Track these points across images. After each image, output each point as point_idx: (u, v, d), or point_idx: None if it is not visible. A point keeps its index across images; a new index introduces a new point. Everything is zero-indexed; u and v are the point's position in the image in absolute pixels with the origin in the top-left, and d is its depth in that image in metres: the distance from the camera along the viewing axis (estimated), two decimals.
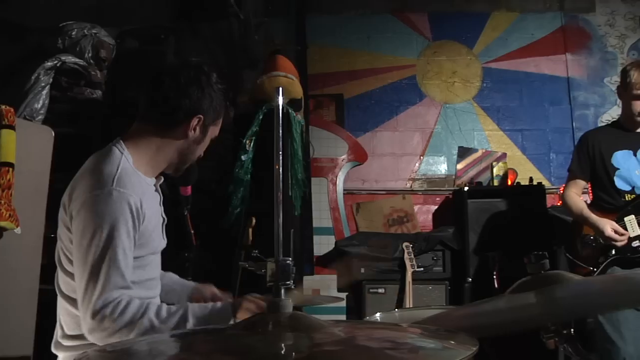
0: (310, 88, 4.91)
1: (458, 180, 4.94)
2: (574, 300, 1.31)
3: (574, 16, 5.30)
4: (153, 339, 1.24)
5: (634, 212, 2.91)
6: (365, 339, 0.76)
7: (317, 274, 4.73)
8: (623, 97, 3.03)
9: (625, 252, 2.92)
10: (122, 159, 1.68)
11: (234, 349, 0.83)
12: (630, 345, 2.82)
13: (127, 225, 1.59)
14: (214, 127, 1.85)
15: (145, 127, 1.79)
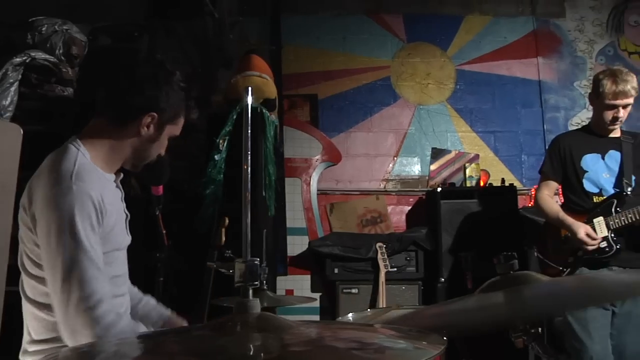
0: (285, 88, 4.90)
1: (431, 181, 4.97)
2: (541, 299, 1.32)
3: (546, 21, 5.38)
4: (121, 340, 1.22)
5: (602, 214, 2.97)
6: (332, 340, 0.76)
7: (290, 275, 4.73)
8: (595, 104, 3.08)
9: (594, 252, 2.97)
10: (78, 155, 1.65)
11: (201, 350, 0.83)
12: (597, 344, 2.87)
13: (90, 219, 1.57)
14: (172, 126, 1.81)
15: (100, 124, 1.77)
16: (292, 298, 4.03)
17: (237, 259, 0.85)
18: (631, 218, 2.89)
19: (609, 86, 2.92)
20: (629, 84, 2.91)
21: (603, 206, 2.98)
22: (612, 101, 2.93)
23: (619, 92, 2.91)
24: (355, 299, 4.30)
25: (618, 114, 2.96)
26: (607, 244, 2.95)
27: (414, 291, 4.33)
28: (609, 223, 2.94)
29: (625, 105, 2.95)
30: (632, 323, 2.91)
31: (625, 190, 2.96)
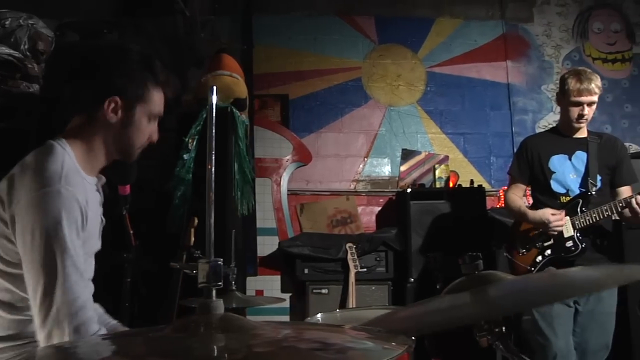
0: (256, 88, 4.88)
1: (401, 182, 5.01)
2: (509, 297, 1.33)
3: (515, 25, 5.47)
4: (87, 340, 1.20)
5: (568, 214, 3.02)
6: (295, 340, 0.75)
7: (260, 275, 4.71)
8: (561, 103, 3.13)
9: (560, 252, 3.03)
10: (65, 156, 1.62)
11: (166, 351, 0.81)
12: (561, 340, 2.94)
13: (77, 224, 1.54)
14: (144, 105, 1.73)
15: (77, 123, 1.73)
16: (261, 299, 4.02)
17: (200, 260, 0.84)
18: (595, 217, 2.94)
19: (574, 84, 2.98)
20: (592, 82, 2.98)
21: (569, 206, 3.04)
22: (577, 98, 2.99)
23: (583, 90, 2.97)
24: (325, 300, 4.31)
25: (583, 112, 3.01)
26: (573, 243, 3.00)
27: (383, 291, 4.35)
28: (574, 223, 2.99)
29: (589, 102, 3.00)
30: (594, 320, 2.99)
31: (590, 190, 3.01)
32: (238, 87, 3.92)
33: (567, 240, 3.01)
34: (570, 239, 3.00)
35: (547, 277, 1.51)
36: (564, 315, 2.98)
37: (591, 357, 2.99)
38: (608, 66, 5.54)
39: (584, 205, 3.00)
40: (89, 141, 1.71)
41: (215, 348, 0.78)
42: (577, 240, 3.00)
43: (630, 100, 5.50)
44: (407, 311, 1.51)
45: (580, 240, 2.99)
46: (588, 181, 3.03)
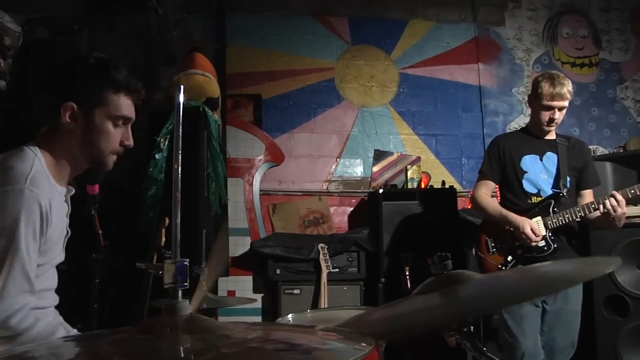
0: (229, 87, 4.85)
1: (373, 182, 5.03)
2: (477, 298, 1.34)
3: (486, 28, 5.54)
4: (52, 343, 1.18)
5: (541, 214, 3.05)
6: (261, 341, 0.75)
7: (232, 275, 4.68)
8: (533, 106, 3.16)
9: (532, 251, 3.05)
10: (35, 160, 1.61)
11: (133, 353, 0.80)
12: (529, 339, 2.98)
13: (34, 227, 1.52)
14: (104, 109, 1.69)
15: (44, 131, 1.71)
16: (233, 299, 4.00)
17: (166, 260, 0.83)
18: (568, 218, 2.99)
19: (547, 88, 3.02)
20: (565, 87, 3.02)
21: (541, 206, 3.06)
22: (549, 102, 3.03)
23: (555, 94, 3.01)
24: (297, 300, 4.30)
25: (554, 116, 3.05)
26: (545, 243, 3.03)
27: (355, 292, 4.35)
28: (547, 223, 3.02)
29: (560, 107, 3.05)
30: (561, 320, 3.03)
31: (561, 191, 3.06)
32: (210, 86, 3.90)
33: (540, 240, 3.04)
34: (542, 239, 3.03)
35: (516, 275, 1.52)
36: (532, 315, 3.02)
37: (558, 355, 3.04)
38: (576, 70, 5.65)
39: (556, 206, 3.04)
40: (55, 150, 1.69)
41: (181, 349, 0.77)
42: (549, 240, 3.03)
43: (597, 104, 5.61)
44: (378, 313, 1.51)
45: (552, 240, 3.03)
46: (559, 182, 3.07)
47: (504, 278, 1.48)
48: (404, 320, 1.31)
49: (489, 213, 3.21)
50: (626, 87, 5.71)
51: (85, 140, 1.70)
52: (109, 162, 1.77)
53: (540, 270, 1.50)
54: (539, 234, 2.99)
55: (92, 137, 1.70)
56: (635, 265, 3.43)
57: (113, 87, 1.70)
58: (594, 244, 3.55)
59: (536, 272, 1.47)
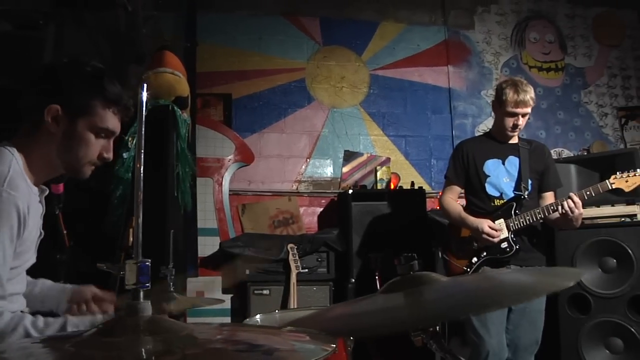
0: (199, 86, 4.81)
1: (343, 183, 5.04)
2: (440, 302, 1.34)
3: (456, 31, 5.61)
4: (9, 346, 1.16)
5: (503, 216, 3.11)
6: (222, 342, 0.75)
7: (201, 276, 4.64)
8: (497, 111, 3.22)
9: (495, 253, 3.11)
10: (12, 161, 1.57)
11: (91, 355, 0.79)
12: (494, 338, 3.03)
13: (11, 231, 1.49)
14: (88, 120, 1.64)
15: (23, 130, 1.67)
16: (201, 300, 3.96)
17: (127, 260, 0.82)
18: (529, 220, 3.05)
19: (511, 95, 3.07)
20: (528, 94, 3.08)
21: (504, 209, 3.13)
22: (513, 109, 3.09)
23: (519, 101, 3.07)
24: (266, 300, 4.28)
25: (518, 122, 3.12)
26: (508, 244, 3.09)
27: (325, 292, 4.35)
28: (509, 225, 3.09)
29: (524, 114, 3.11)
30: (526, 318, 3.10)
31: (523, 194, 3.12)
32: (180, 85, 3.86)
33: (501, 242, 3.09)
34: (504, 241, 3.09)
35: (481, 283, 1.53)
36: (498, 314, 3.07)
37: (523, 353, 3.10)
38: (543, 74, 5.76)
39: (518, 208, 3.10)
40: (33, 151, 1.66)
41: (143, 351, 0.77)
42: (511, 242, 3.09)
43: (563, 108, 5.73)
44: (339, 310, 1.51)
45: (515, 242, 3.09)
46: (521, 185, 3.13)
47: (468, 285, 1.49)
48: (365, 318, 1.31)
49: (450, 217, 3.30)
50: (590, 92, 5.85)
51: (64, 145, 1.66)
52: (86, 171, 1.74)
53: (505, 280, 1.51)
54: (498, 230, 3.06)
55: (71, 144, 1.66)
56: (597, 264, 3.51)
57: (103, 100, 1.66)
58: (559, 244, 3.63)
59: (501, 282, 1.48)
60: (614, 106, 5.89)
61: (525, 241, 3.15)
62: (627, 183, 3.00)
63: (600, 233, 3.53)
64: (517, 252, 3.08)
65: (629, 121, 5.90)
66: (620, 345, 3.40)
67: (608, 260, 3.49)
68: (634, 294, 3.35)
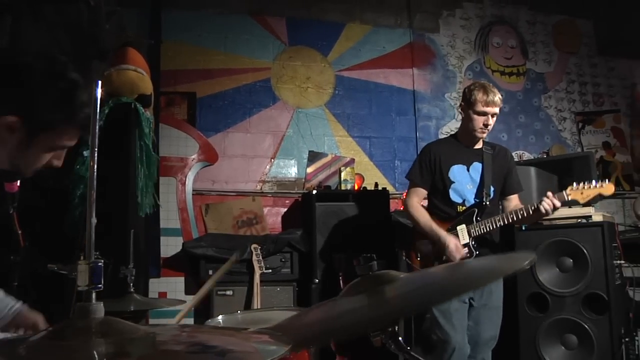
0: (162, 85, 4.75)
1: (307, 183, 5.04)
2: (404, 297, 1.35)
3: (421, 34, 5.67)
4: None
5: (465, 222, 3.17)
6: (175, 343, 0.74)
7: (164, 277, 4.58)
8: (466, 113, 3.25)
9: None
10: None
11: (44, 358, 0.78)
12: (459, 334, 3.09)
13: None
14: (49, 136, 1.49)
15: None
16: (163, 301, 3.91)
17: (79, 261, 0.80)
18: (489, 227, 3.12)
19: (481, 95, 3.14)
20: (496, 95, 3.17)
21: (466, 215, 3.19)
22: (484, 108, 3.15)
23: (489, 101, 3.14)
24: (229, 301, 4.25)
25: (488, 121, 3.18)
26: (468, 250, 3.15)
27: (288, 292, 4.35)
28: (470, 231, 3.15)
29: (493, 113, 3.18)
30: (486, 314, 3.18)
31: (484, 200, 3.18)
32: (143, 82, 3.80)
33: (463, 248, 3.14)
34: (465, 246, 3.15)
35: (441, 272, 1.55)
36: (461, 311, 3.14)
37: (482, 347, 3.18)
38: (505, 79, 5.87)
39: (479, 215, 3.17)
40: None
41: (95, 353, 0.76)
42: (472, 248, 3.15)
43: (524, 111, 5.86)
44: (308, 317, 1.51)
45: (475, 247, 3.15)
46: (483, 192, 3.20)
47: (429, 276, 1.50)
48: (332, 323, 1.31)
49: (419, 225, 3.28)
50: (549, 97, 6.00)
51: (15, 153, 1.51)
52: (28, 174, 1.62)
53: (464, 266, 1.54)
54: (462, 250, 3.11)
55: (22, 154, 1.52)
56: (555, 264, 3.60)
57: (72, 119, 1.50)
58: (519, 244, 3.71)
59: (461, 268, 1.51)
60: (572, 111, 6.05)
61: (486, 247, 3.21)
62: (582, 195, 3.10)
63: (557, 234, 3.61)
64: (478, 258, 3.13)
65: (586, 126, 6.06)
66: (574, 342, 3.50)
67: (565, 260, 3.58)
68: (588, 292, 3.45)
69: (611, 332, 3.39)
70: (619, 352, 3.34)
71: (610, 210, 5.48)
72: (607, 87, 6.23)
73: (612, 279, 3.43)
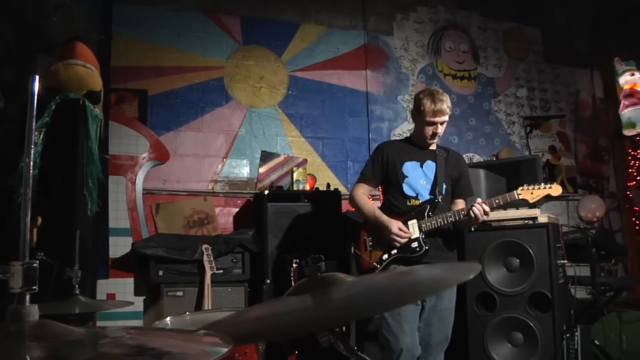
0: (113, 81, 4.65)
1: (260, 183, 5.02)
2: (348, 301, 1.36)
3: (376, 37, 5.72)
4: None
5: (416, 217, 3.22)
6: (112, 346, 0.72)
7: (112, 278, 4.48)
8: (417, 121, 3.34)
9: (405, 251, 3.21)
10: None
11: None
12: (408, 336, 3.12)
13: None
14: None
15: None
16: (110, 303, 3.83)
17: (12, 262, 0.77)
18: (440, 222, 3.18)
19: (429, 105, 3.20)
20: (444, 103, 3.22)
21: (418, 210, 3.24)
22: (431, 118, 3.21)
23: (437, 111, 3.20)
24: (180, 302, 4.18)
25: (437, 130, 3.26)
26: (418, 244, 3.20)
27: (240, 293, 4.31)
28: (421, 226, 3.20)
29: (442, 122, 3.25)
30: (436, 316, 3.21)
31: (437, 197, 3.24)
32: (92, 78, 3.72)
33: (413, 241, 3.20)
34: (415, 240, 3.20)
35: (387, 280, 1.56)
36: (411, 312, 3.17)
37: (434, 349, 3.22)
38: (457, 82, 5.99)
39: (431, 210, 3.22)
40: None
41: (27, 358, 0.73)
42: (422, 242, 3.20)
43: (475, 115, 5.98)
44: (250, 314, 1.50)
45: (425, 242, 3.20)
46: (436, 189, 3.26)
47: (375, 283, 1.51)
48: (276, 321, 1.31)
49: (363, 212, 3.38)
50: (499, 101, 6.15)
51: None
52: None
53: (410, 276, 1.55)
54: (407, 231, 3.17)
55: None
56: (503, 264, 3.69)
57: None
58: (468, 245, 3.78)
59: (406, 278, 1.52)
60: (521, 115, 6.22)
61: (436, 242, 3.26)
62: (532, 195, 3.20)
63: (505, 235, 3.71)
64: (427, 252, 3.19)
65: (533, 130, 6.25)
66: (520, 339, 3.60)
67: (512, 260, 3.67)
68: (533, 291, 3.55)
69: (554, 328, 3.50)
70: (560, 348, 3.45)
71: (555, 212, 5.67)
72: (554, 93, 6.44)
73: (556, 278, 3.55)
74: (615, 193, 6.64)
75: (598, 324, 4.13)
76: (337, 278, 1.51)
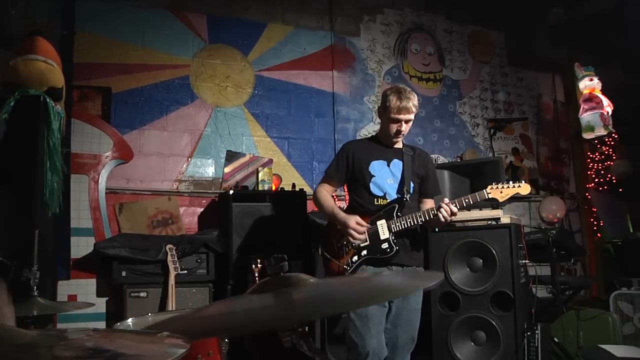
0: (76, 78, 4.56)
1: (225, 183, 4.98)
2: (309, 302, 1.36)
3: (342, 38, 5.75)
4: None
5: (385, 217, 3.19)
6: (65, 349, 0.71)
7: (74, 279, 4.39)
8: (382, 117, 3.33)
9: (375, 253, 3.18)
10: None
11: None
12: (375, 338, 3.10)
13: None
14: None
15: None
16: (71, 304, 3.74)
17: None
18: (410, 222, 3.16)
19: (394, 102, 3.19)
20: (410, 101, 3.21)
21: (386, 210, 3.21)
22: (396, 115, 3.20)
23: (402, 108, 3.19)
24: (143, 303, 4.13)
25: (401, 128, 3.24)
26: (388, 245, 3.17)
27: (204, 293, 4.28)
28: (390, 226, 3.17)
29: (407, 120, 3.24)
30: (403, 317, 3.20)
31: (405, 196, 3.23)
32: (53, 74, 3.63)
33: (382, 242, 3.18)
34: (385, 241, 3.17)
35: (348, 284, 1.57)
36: (378, 314, 3.15)
37: (400, 350, 3.21)
38: (422, 84, 6.06)
39: (400, 210, 3.20)
40: None
41: None
42: (392, 243, 3.17)
43: (440, 117, 6.06)
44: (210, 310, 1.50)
45: (395, 243, 3.17)
46: (404, 188, 3.25)
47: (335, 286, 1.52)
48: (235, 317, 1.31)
49: (324, 210, 3.34)
50: (464, 103, 6.25)
51: None
52: None
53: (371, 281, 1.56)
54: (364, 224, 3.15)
55: None
56: (466, 264, 3.74)
57: None
58: (432, 245, 3.82)
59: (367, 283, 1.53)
60: (485, 117, 6.32)
61: (406, 242, 3.24)
62: (501, 194, 3.22)
63: (468, 235, 3.76)
64: (397, 253, 3.17)
65: (497, 132, 6.36)
66: (483, 338, 3.65)
67: (475, 260, 3.72)
68: (495, 291, 3.61)
69: (515, 327, 3.56)
70: (521, 346, 3.52)
71: (517, 213, 5.78)
72: (517, 96, 6.57)
73: (518, 277, 3.61)
74: (575, 194, 6.81)
75: (557, 321, 4.23)
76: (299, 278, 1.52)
